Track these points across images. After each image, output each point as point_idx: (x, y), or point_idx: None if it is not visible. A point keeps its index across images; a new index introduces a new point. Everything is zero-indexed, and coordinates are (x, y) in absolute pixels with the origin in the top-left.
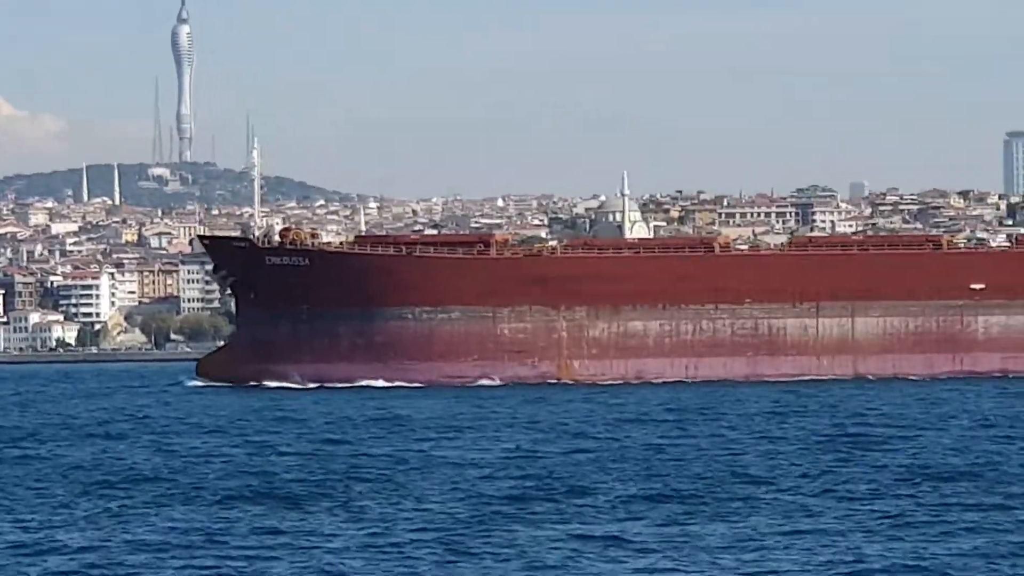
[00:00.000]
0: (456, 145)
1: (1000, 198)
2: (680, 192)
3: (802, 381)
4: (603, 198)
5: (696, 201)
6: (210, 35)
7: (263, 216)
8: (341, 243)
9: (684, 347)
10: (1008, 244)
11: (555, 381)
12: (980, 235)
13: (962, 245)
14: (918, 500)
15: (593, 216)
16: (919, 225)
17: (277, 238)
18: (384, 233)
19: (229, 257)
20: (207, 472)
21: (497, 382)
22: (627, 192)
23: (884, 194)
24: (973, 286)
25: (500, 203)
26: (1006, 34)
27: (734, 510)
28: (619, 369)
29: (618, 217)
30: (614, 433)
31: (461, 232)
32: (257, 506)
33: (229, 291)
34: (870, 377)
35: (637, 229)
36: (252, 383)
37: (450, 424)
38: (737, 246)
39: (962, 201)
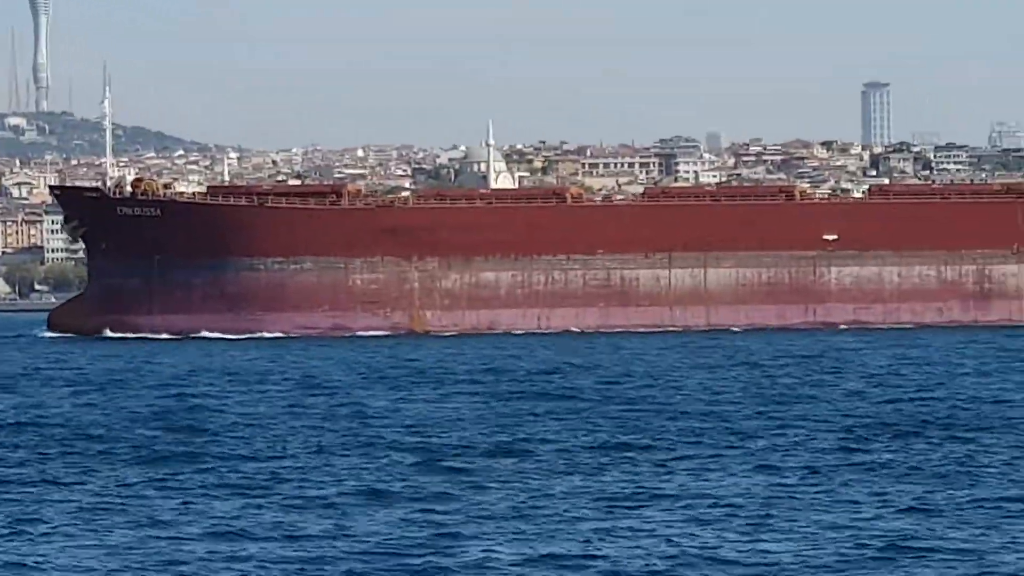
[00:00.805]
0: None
1: (863, 148)
2: (543, 143)
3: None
4: (462, 148)
5: (559, 152)
6: None
7: (122, 166)
8: (193, 194)
9: (536, 298)
10: (861, 195)
11: (407, 332)
12: (844, 185)
13: (816, 196)
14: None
15: (458, 166)
16: (783, 175)
17: (129, 188)
18: (244, 184)
19: (80, 207)
20: None
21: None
22: (492, 142)
23: (747, 144)
24: (826, 237)
25: (360, 153)
26: None
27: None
28: (471, 320)
29: (483, 167)
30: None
31: (326, 183)
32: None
33: (81, 241)
34: (736, 329)
35: (502, 179)
36: (103, 334)
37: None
38: (590, 197)
39: (825, 152)
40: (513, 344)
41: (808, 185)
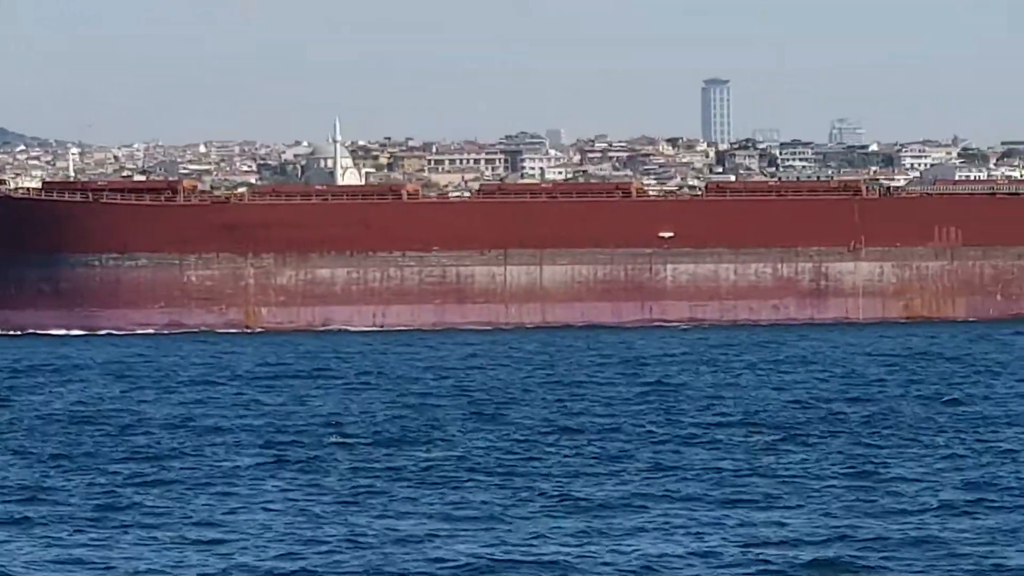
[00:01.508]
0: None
1: (709, 145)
2: (388, 139)
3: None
4: (304, 144)
5: (404, 148)
6: None
7: None
8: (28, 189)
9: (371, 295)
10: (699, 192)
11: (244, 329)
12: (691, 182)
13: (651, 193)
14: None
15: (304, 162)
16: (629, 172)
17: None
18: (87, 179)
19: None
20: None
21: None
22: (339, 138)
23: (592, 141)
24: (662, 234)
25: (202, 149)
26: None
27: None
28: (307, 316)
29: (330, 164)
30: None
31: (171, 179)
32: None
33: None
34: (579, 325)
35: (349, 176)
36: None
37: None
38: (426, 194)
39: (671, 148)
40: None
41: (654, 181)
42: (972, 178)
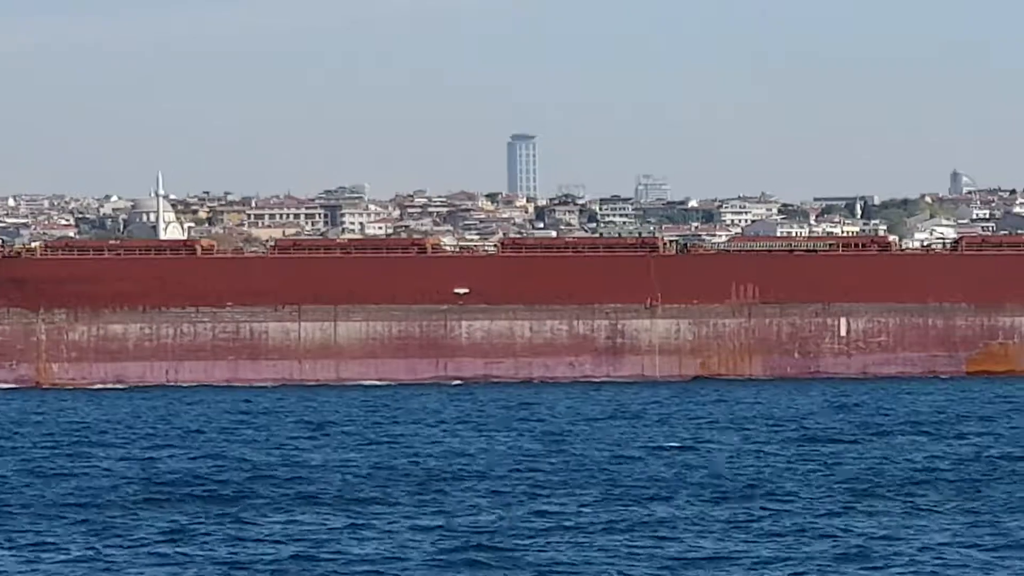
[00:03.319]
0: None
1: (528, 200)
2: (207, 193)
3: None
4: (115, 197)
5: (224, 202)
6: None
7: None
8: None
9: (164, 351)
10: (494, 248)
11: (34, 385)
12: (513, 235)
13: (447, 249)
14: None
15: (126, 216)
16: (450, 227)
17: None
18: None
19: None
20: None
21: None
22: (162, 192)
23: (412, 196)
24: (457, 291)
25: (11, 203)
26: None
27: None
28: (99, 373)
29: (152, 218)
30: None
31: None
32: None
33: None
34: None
35: (172, 230)
36: None
37: None
38: (222, 249)
39: (491, 204)
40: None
41: (477, 236)
42: (794, 234)
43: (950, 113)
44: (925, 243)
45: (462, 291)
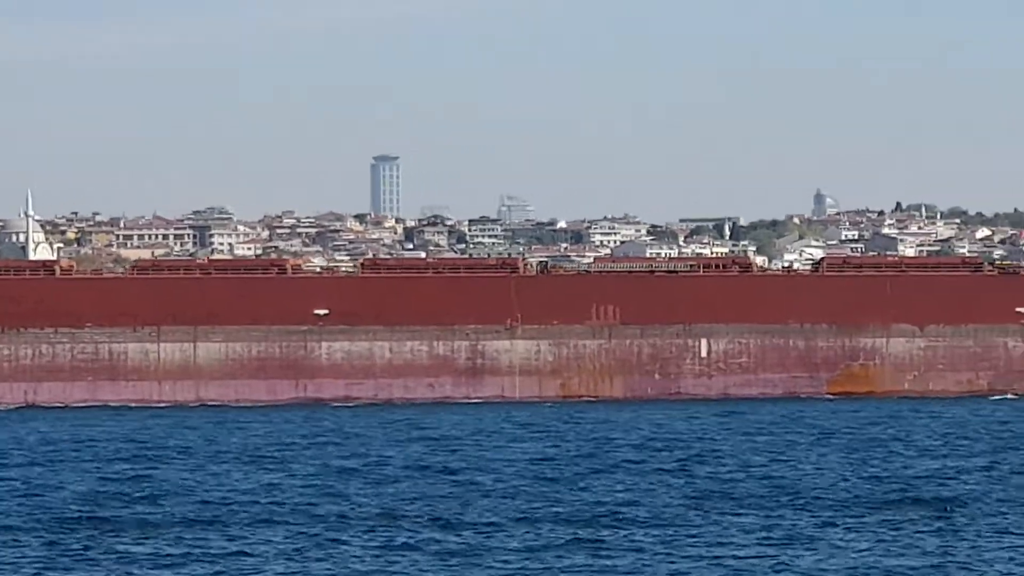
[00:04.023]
0: None
1: (397, 221)
2: (76, 213)
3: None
4: None
5: (92, 223)
6: None
7: None
8: None
9: (23, 372)
10: (353, 269)
11: None
12: (384, 255)
13: (310, 271)
14: None
15: None
16: (319, 248)
17: None
18: None
19: None
20: None
21: None
22: (32, 213)
23: (280, 217)
24: (317, 312)
25: None
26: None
27: None
28: None
29: (21, 238)
30: None
31: None
32: None
33: None
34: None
35: (41, 251)
36: None
37: None
38: (81, 270)
39: (359, 224)
40: None
41: (347, 257)
42: (663, 256)
43: (813, 135)
44: (786, 264)
45: (322, 312)
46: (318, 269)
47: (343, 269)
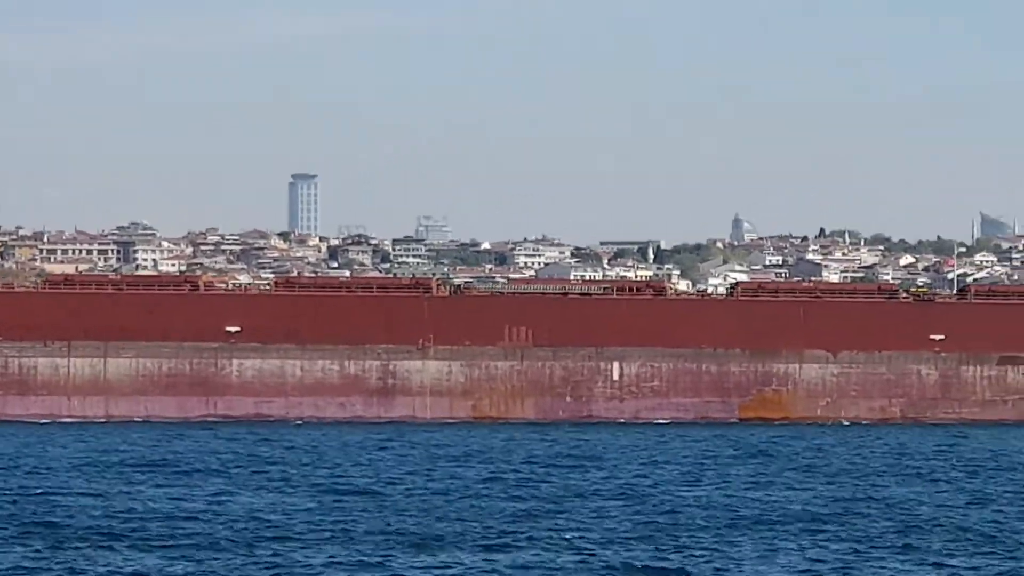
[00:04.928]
0: None
1: (321, 240)
2: None
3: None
4: None
5: (15, 236)
6: None
7: None
8: None
9: None
10: (268, 287)
11: None
12: (308, 274)
13: (219, 287)
14: None
15: None
16: (244, 265)
17: None
18: None
19: None
20: None
21: None
22: None
23: (204, 233)
24: (228, 328)
25: None
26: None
27: None
28: None
29: None
30: None
31: None
32: None
33: None
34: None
35: None
36: None
37: None
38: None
39: (284, 242)
40: None
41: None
42: (588, 278)
43: (731, 158)
44: (709, 288)
45: (234, 329)
46: (230, 286)
47: (256, 286)
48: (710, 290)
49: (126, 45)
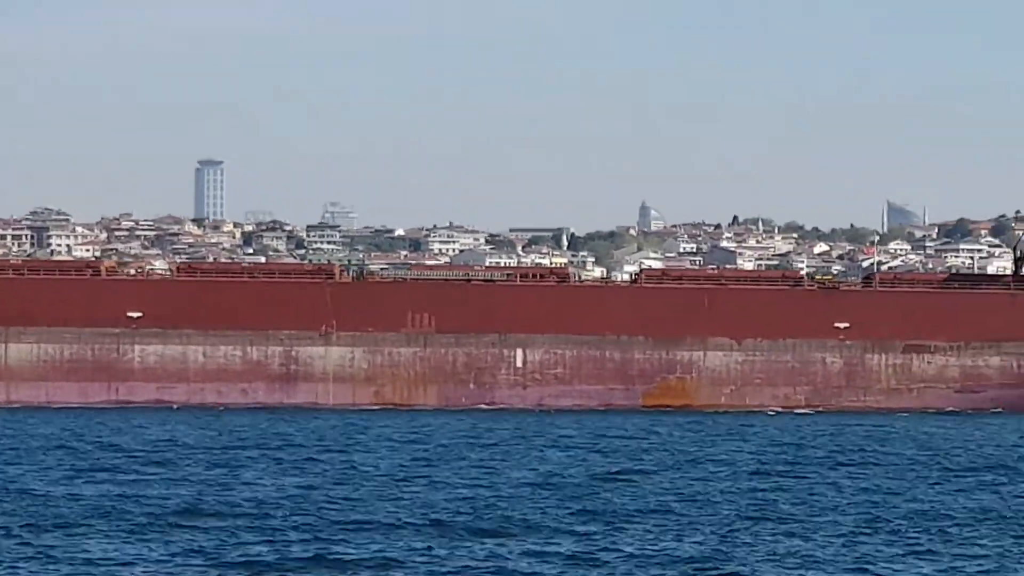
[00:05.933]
0: None
1: (235, 226)
2: None
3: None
4: None
5: None
6: None
7: None
8: None
9: None
10: (167, 272)
11: None
12: (224, 259)
13: (125, 274)
14: None
15: None
16: (159, 251)
17: None
18: None
19: None
20: None
21: None
22: None
23: (118, 219)
24: (130, 314)
25: None
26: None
27: None
28: None
29: None
30: None
31: None
32: None
33: None
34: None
35: None
36: None
37: None
38: None
39: (198, 228)
40: None
41: (186, 259)
42: (503, 264)
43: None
44: (620, 276)
45: (136, 315)
46: (134, 272)
47: (157, 272)
48: (616, 277)
49: (46, 34)
